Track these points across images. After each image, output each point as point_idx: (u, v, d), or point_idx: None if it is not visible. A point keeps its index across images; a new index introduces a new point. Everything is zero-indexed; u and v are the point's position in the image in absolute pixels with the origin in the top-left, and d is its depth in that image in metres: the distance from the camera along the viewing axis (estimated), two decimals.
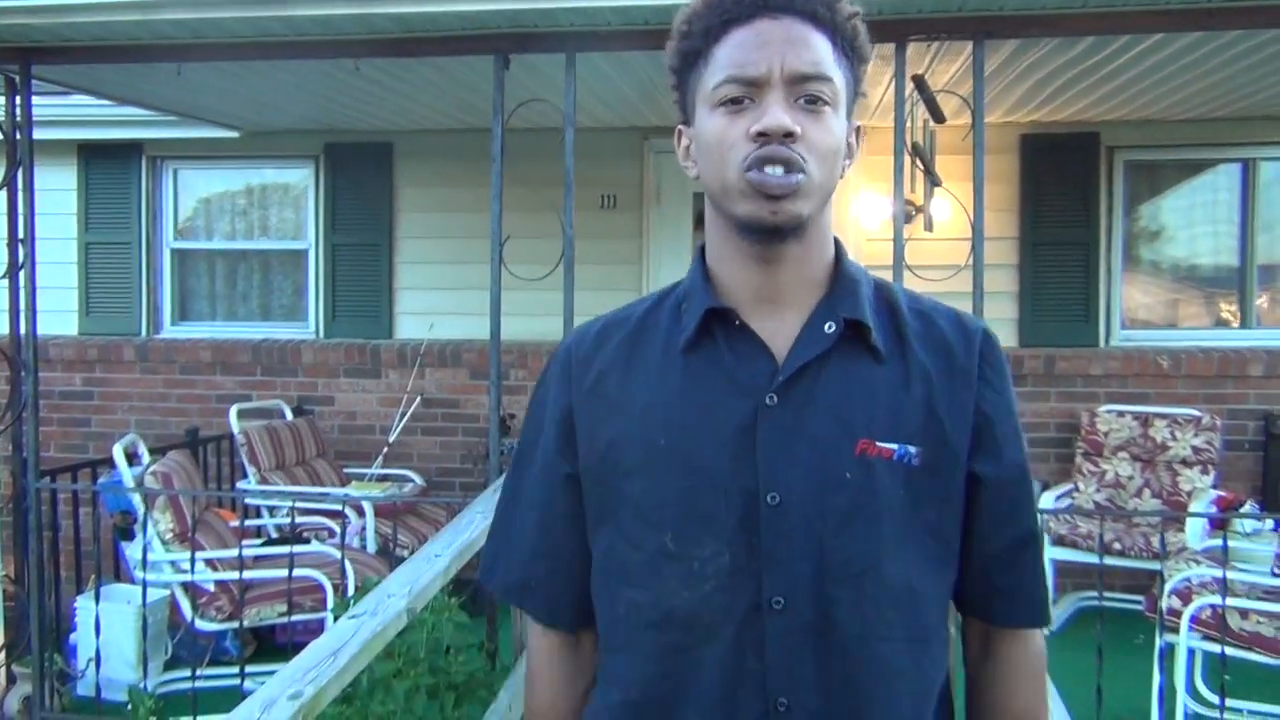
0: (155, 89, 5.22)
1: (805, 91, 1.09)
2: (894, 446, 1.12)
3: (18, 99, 4.22)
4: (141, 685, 4.31)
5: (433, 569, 2.73)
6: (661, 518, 1.15)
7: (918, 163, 4.29)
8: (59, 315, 6.60)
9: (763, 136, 1.07)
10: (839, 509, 1.11)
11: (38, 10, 3.85)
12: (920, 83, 4.13)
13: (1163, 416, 5.74)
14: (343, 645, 2.23)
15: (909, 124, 4.12)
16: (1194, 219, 6.39)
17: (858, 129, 1.21)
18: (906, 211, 4.27)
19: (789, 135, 1.07)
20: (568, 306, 3.98)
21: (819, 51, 1.10)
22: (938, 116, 4.32)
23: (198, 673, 4.19)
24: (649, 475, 1.16)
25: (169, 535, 4.35)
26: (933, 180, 4.36)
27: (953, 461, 1.15)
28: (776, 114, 1.08)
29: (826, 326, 1.15)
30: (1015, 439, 1.21)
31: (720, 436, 1.13)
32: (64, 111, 6.28)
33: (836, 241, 1.22)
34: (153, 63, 4.19)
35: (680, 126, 1.23)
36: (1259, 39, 4.22)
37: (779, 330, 1.16)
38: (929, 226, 4.71)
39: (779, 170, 1.07)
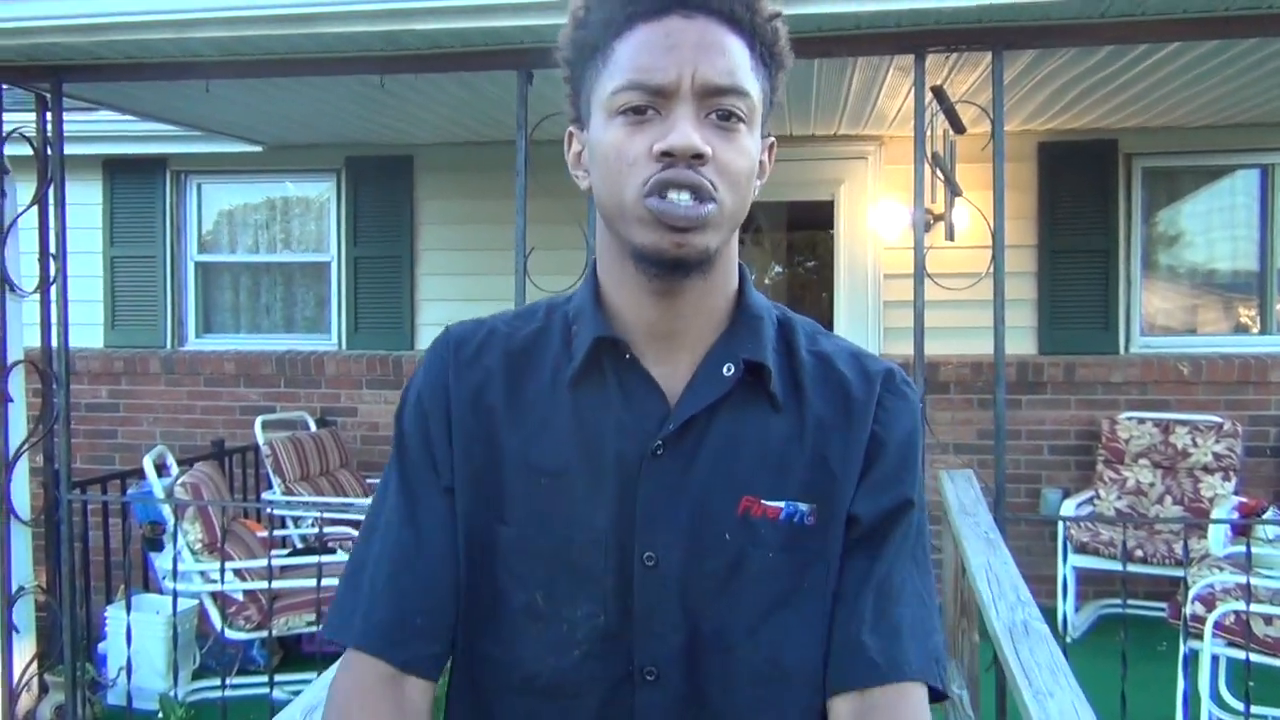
0: (183, 105, 5.29)
1: (718, 106, 0.96)
2: (781, 505, 1.01)
3: (48, 115, 4.29)
4: (172, 694, 4.37)
5: None
6: (533, 571, 1.02)
7: (938, 172, 4.32)
8: (85, 328, 6.67)
9: (667, 156, 0.94)
10: (716, 573, 1.00)
11: (71, 29, 3.91)
12: (940, 93, 4.16)
13: (1183, 423, 5.75)
14: None
15: (929, 134, 4.15)
16: (1213, 225, 6.39)
17: (771, 144, 1.08)
18: (925, 220, 4.30)
19: (698, 157, 0.94)
20: None
21: (735, 59, 0.97)
22: (958, 127, 4.36)
23: (226, 681, 4.25)
24: (524, 521, 1.03)
25: (198, 545, 4.41)
26: (953, 190, 4.38)
27: (840, 517, 1.03)
28: (685, 131, 0.94)
29: (725, 369, 1.03)
30: (907, 472, 1.06)
31: (602, 485, 1.02)
32: (90, 127, 6.36)
33: (741, 270, 1.10)
34: (183, 80, 4.25)
35: (571, 128, 1.09)
36: (1276, 46, 4.24)
37: (674, 369, 1.04)
38: (950, 235, 4.74)
39: (685, 197, 0.94)
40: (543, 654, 1.02)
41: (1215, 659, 4.12)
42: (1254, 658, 3.77)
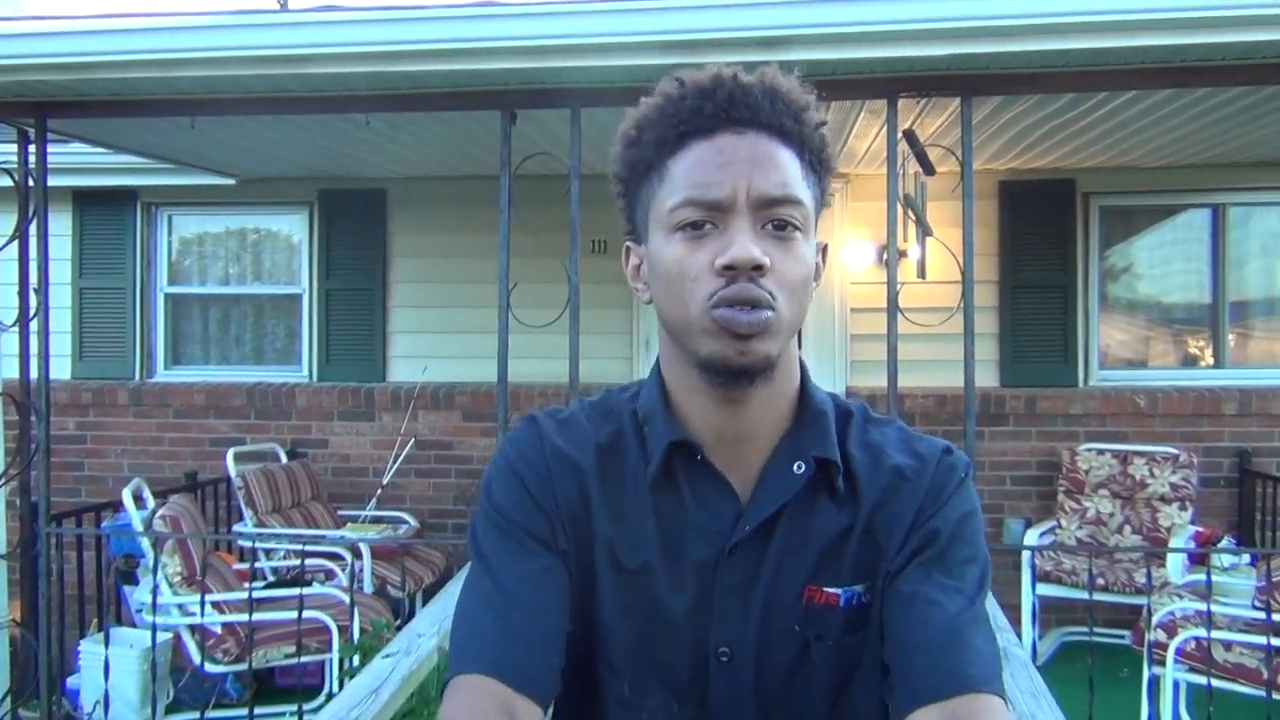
0: (163, 140, 5.32)
1: (774, 216, 1.00)
2: (839, 591, 1.06)
3: (30, 148, 4.31)
4: None
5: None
6: (624, 660, 1.09)
7: (909, 212, 4.46)
8: (52, 360, 6.58)
9: (729, 270, 0.98)
10: (786, 662, 1.06)
11: (57, 67, 3.95)
12: (911, 137, 4.31)
13: (1141, 454, 5.91)
14: (382, 683, 2.33)
15: (900, 175, 4.28)
16: (1168, 260, 6.60)
17: (824, 247, 1.12)
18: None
19: (758, 269, 0.98)
20: (573, 350, 4.10)
21: (788, 171, 1.01)
22: (928, 169, 4.50)
23: (201, 715, 4.24)
24: (615, 611, 1.09)
25: (177, 578, 4.40)
26: (924, 230, 4.52)
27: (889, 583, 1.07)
28: (744, 245, 0.97)
29: (796, 466, 1.07)
30: (968, 554, 1.07)
31: (683, 583, 1.07)
32: (60, 159, 6.31)
33: (801, 364, 1.14)
34: (166, 116, 4.29)
35: (629, 243, 1.13)
36: (1227, 95, 4.43)
37: (744, 468, 1.08)
38: (922, 274, 4.87)
39: (746, 308, 0.98)
40: None
41: (1177, 684, 4.25)
42: (1215, 683, 3.89)
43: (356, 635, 4.38)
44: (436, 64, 3.77)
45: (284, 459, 6.38)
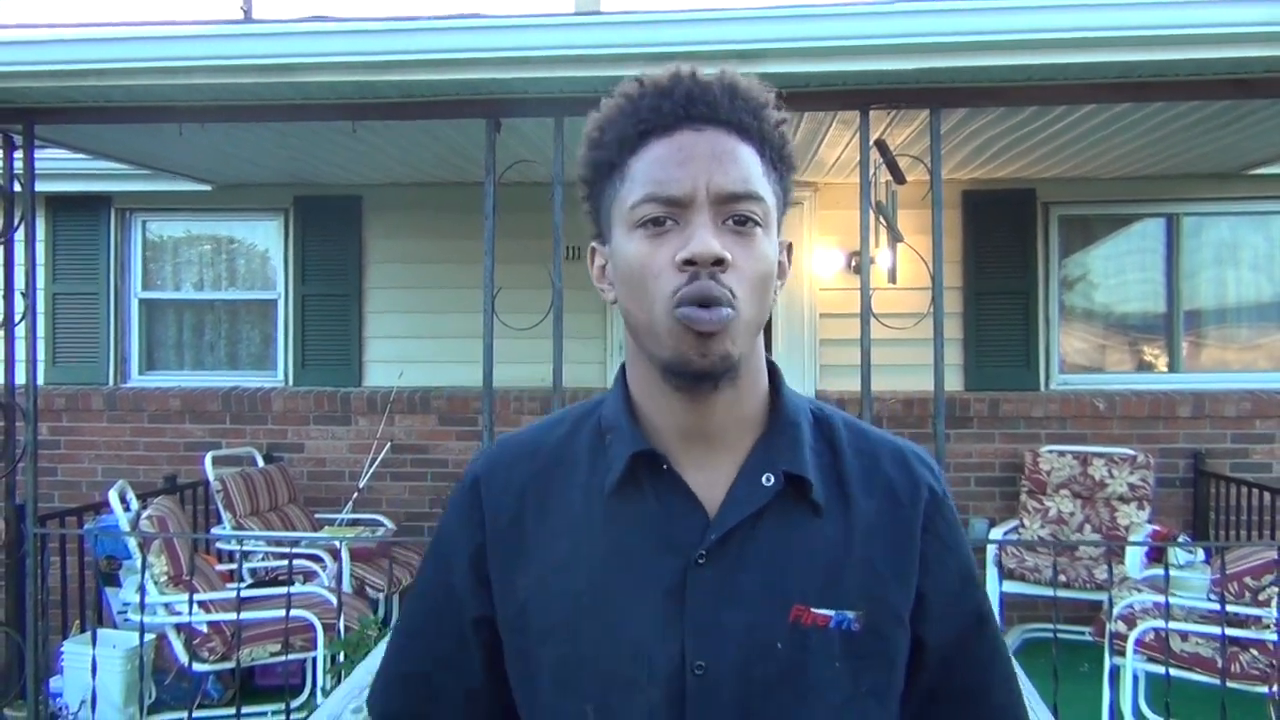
0: (145, 146, 5.37)
1: (734, 212, 1.00)
2: (830, 613, 1.03)
3: (17, 154, 4.36)
4: None
5: None
6: (582, 685, 1.04)
7: (881, 219, 4.61)
8: (27, 365, 6.65)
9: (690, 265, 0.97)
10: (768, 681, 1.01)
11: (44, 74, 4.01)
12: (882, 147, 4.46)
13: (1100, 456, 6.11)
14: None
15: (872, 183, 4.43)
16: (1124, 269, 6.81)
17: (789, 246, 1.11)
18: (859, 263, 4.58)
19: (719, 262, 0.97)
20: (556, 354, 4.20)
21: (748, 167, 1.01)
22: (899, 178, 4.66)
23: (188, 715, 4.30)
24: (569, 638, 1.05)
25: (163, 578, 4.46)
26: (895, 236, 4.68)
27: (895, 621, 1.06)
28: (704, 239, 0.97)
29: (765, 479, 1.05)
30: (967, 592, 1.13)
31: (646, 597, 1.03)
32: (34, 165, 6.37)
33: (772, 367, 1.12)
34: (154, 123, 4.36)
35: (594, 244, 1.12)
36: (1180, 109, 4.63)
37: (712, 478, 1.06)
38: (893, 279, 5.04)
39: (707, 306, 0.97)
40: None
41: (1136, 676, 4.42)
42: (1173, 672, 4.06)
43: (343, 632, 4.45)
44: (424, 74, 3.87)
45: (260, 463, 6.43)
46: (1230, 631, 4.05)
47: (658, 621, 1.02)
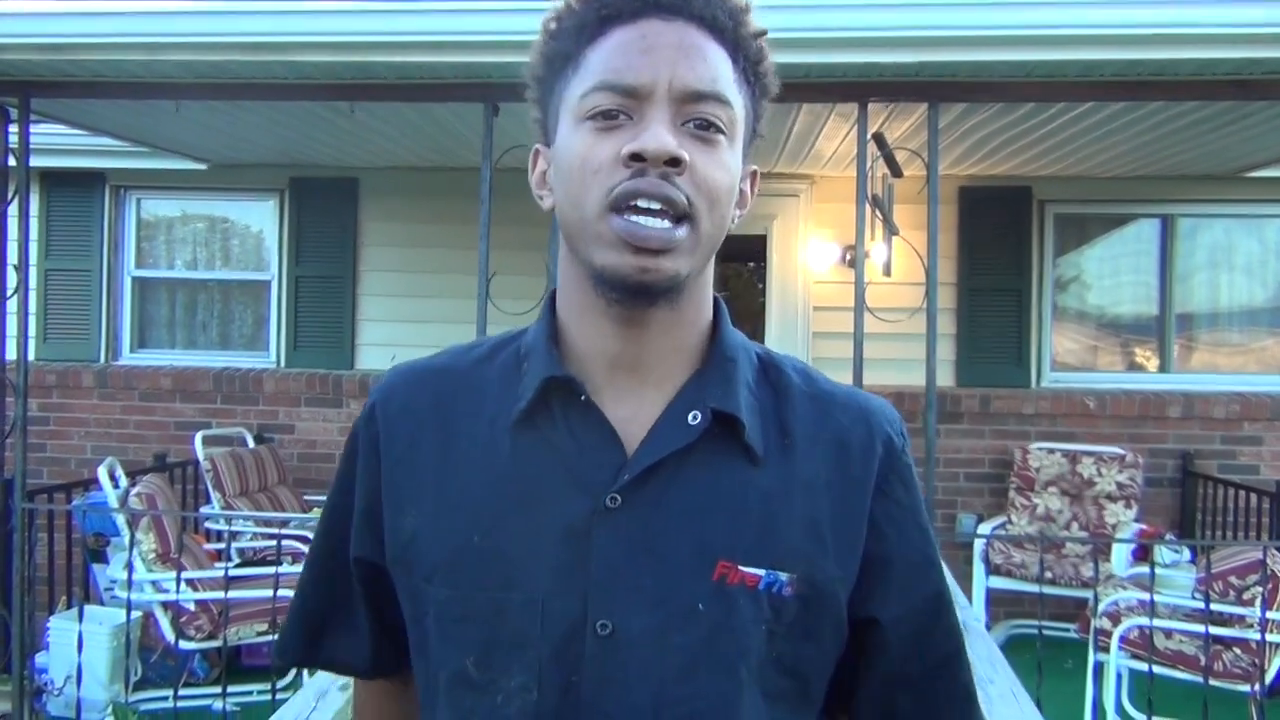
0: (142, 123, 5.35)
1: (697, 113, 0.87)
2: (760, 573, 0.89)
3: (12, 128, 4.34)
4: (121, 702, 4.40)
5: None
6: (464, 635, 0.92)
7: (877, 213, 4.62)
8: (15, 341, 6.64)
9: (637, 160, 0.85)
10: (687, 649, 0.88)
11: (41, 47, 3.99)
12: (880, 140, 4.46)
13: (1089, 454, 6.12)
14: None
15: (869, 176, 4.44)
16: (1118, 269, 6.83)
17: (754, 173, 1.00)
18: (853, 256, 4.59)
19: (673, 163, 0.85)
20: None
21: (717, 67, 0.89)
22: (896, 172, 4.66)
23: (174, 693, 4.30)
24: (454, 581, 0.92)
25: (151, 555, 4.45)
26: (891, 229, 4.68)
27: (831, 593, 0.93)
28: (658, 133, 0.85)
29: (691, 416, 0.92)
30: (925, 567, 0.99)
31: (544, 541, 0.90)
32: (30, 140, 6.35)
33: (717, 302, 0.99)
34: (150, 99, 4.34)
35: (538, 146, 0.99)
36: (1179, 109, 4.63)
37: (635, 413, 0.93)
38: (888, 272, 5.04)
39: (655, 218, 0.85)
40: None
41: (1120, 672, 4.44)
42: (1156, 669, 4.08)
43: None
44: (422, 55, 3.86)
45: (251, 443, 6.42)
46: (1214, 630, 4.07)
47: (556, 569, 0.89)
